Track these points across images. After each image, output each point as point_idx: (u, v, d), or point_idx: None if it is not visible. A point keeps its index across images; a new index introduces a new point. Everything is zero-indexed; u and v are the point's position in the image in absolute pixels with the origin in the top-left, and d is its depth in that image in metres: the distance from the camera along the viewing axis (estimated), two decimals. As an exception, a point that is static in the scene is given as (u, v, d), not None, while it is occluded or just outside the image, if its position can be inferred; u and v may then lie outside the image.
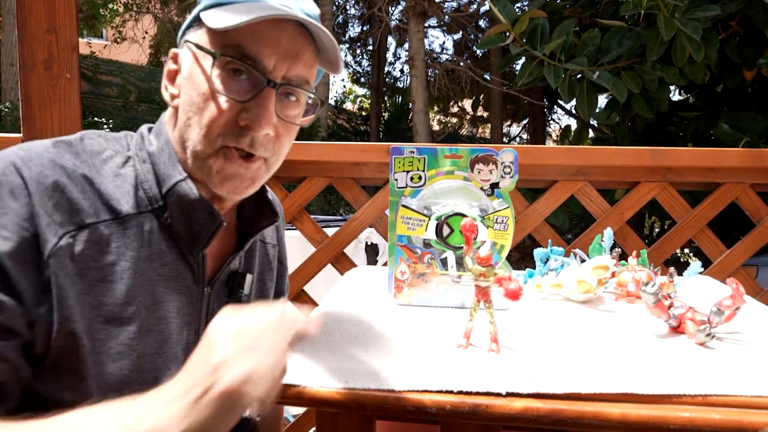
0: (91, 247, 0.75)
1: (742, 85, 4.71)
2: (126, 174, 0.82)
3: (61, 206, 0.73)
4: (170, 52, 0.87)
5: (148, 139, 0.87)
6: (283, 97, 0.83)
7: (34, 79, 1.49)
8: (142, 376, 0.78)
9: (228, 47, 0.78)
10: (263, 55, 0.78)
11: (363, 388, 0.60)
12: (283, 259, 1.13)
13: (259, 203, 0.95)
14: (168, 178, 0.82)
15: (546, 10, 4.48)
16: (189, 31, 0.84)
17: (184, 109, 0.82)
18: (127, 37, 13.84)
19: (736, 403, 0.58)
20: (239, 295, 0.92)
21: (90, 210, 0.76)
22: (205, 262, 0.86)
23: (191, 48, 0.82)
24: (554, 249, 1.07)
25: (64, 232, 0.72)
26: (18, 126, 6.94)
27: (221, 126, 0.79)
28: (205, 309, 0.88)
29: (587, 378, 0.60)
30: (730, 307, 0.73)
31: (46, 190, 0.72)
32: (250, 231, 0.94)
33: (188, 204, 0.81)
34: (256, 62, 0.78)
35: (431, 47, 19.48)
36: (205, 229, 0.83)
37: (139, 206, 0.81)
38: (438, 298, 0.92)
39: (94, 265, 0.75)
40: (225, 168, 0.81)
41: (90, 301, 0.74)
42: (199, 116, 0.80)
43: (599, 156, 1.57)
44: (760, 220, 1.58)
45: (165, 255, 0.82)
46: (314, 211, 9.89)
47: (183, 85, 0.83)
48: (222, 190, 0.83)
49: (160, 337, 0.81)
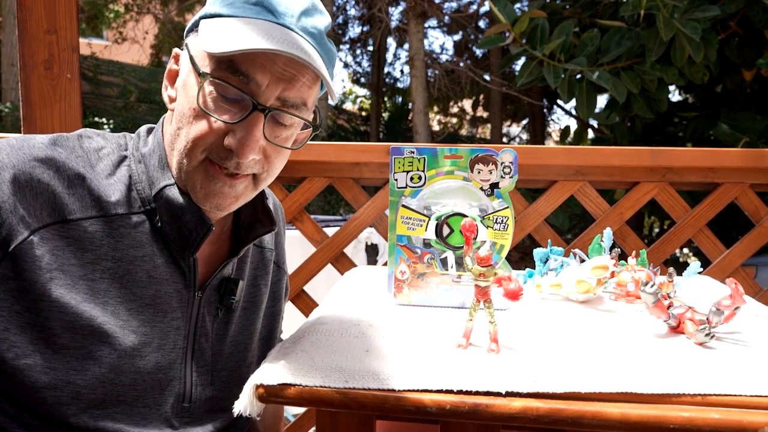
0: (73, 243, 0.74)
1: (742, 85, 4.72)
2: (121, 174, 0.82)
3: (41, 200, 0.73)
4: (173, 52, 0.86)
5: (144, 140, 0.86)
6: (273, 121, 0.80)
7: (34, 79, 1.49)
8: (119, 377, 0.77)
9: (221, 62, 0.75)
10: (256, 76, 0.74)
11: (363, 388, 0.60)
12: (282, 263, 1.11)
13: (258, 210, 0.93)
14: (157, 181, 0.81)
15: (546, 10, 4.48)
16: (191, 34, 0.83)
17: (176, 117, 0.81)
18: (128, 38, 13.84)
19: (736, 403, 0.58)
20: (230, 302, 0.91)
21: (75, 206, 0.75)
22: (196, 266, 0.85)
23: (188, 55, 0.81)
24: (554, 249, 1.07)
25: (39, 226, 0.72)
26: (18, 126, 6.93)
27: (206, 144, 0.77)
28: (195, 313, 0.87)
29: (587, 378, 0.60)
30: (730, 307, 0.74)
31: (28, 182, 0.72)
32: (246, 238, 0.92)
33: (176, 208, 0.80)
34: (248, 81, 0.75)
35: (431, 48, 19.51)
36: (194, 234, 0.82)
37: (131, 206, 0.80)
38: (438, 298, 0.92)
39: (75, 261, 0.74)
40: (208, 185, 0.79)
41: (72, 298, 0.74)
42: (186, 129, 0.78)
43: (599, 156, 1.57)
44: (759, 220, 1.59)
45: (156, 257, 0.82)
46: (314, 211, 9.89)
47: (179, 91, 0.82)
48: (205, 205, 0.81)
49: (143, 339, 0.80)
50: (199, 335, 0.87)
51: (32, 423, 0.74)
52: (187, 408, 0.86)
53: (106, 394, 0.76)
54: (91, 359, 0.75)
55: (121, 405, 0.78)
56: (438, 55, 13.63)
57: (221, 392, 0.90)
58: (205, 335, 0.88)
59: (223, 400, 0.91)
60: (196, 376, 0.86)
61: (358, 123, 16.43)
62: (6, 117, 9.10)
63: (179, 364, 0.84)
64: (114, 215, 0.78)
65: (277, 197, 1.62)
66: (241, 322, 0.95)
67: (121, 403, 0.78)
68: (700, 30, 3.48)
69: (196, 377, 0.86)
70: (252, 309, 0.99)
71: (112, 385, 0.77)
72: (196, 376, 0.86)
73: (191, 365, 0.86)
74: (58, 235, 0.74)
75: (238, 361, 0.94)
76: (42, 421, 0.75)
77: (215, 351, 0.90)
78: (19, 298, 0.72)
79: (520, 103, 12.88)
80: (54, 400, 0.74)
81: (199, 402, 0.87)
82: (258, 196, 0.91)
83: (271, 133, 0.80)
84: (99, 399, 0.76)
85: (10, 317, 0.72)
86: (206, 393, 0.88)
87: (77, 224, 0.75)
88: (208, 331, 0.88)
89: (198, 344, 0.87)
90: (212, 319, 0.89)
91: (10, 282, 0.71)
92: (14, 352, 0.72)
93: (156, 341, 0.81)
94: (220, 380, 0.91)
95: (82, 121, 1.54)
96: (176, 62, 0.86)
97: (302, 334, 0.76)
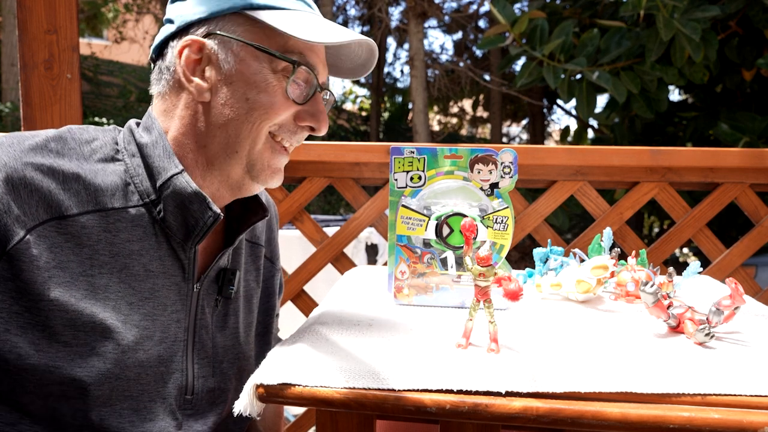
0: (71, 239, 0.74)
1: (742, 85, 4.72)
2: (115, 168, 0.81)
3: (36, 198, 0.73)
4: (187, 40, 0.82)
5: (138, 133, 0.85)
6: None
7: (34, 79, 1.49)
8: (124, 372, 0.77)
9: (291, 53, 0.82)
10: (318, 64, 0.86)
11: (363, 388, 0.60)
12: (275, 259, 1.12)
13: (248, 199, 0.94)
14: (163, 171, 0.81)
15: (545, 10, 4.49)
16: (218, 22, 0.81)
17: (228, 105, 0.81)
18: (128, 38, 13.84)
19: (736, 403, 0.58)
20: (230, 292, 0.91)
21: (71, 202, 0.75)
22: (196, 258, 0.86)
23: (241, 45, 0.80)
24: (554, 249, 1.07)
25: (35, 224, 0.72)
26: (18, 126, 6.91)
27: (280, 122, 0.84)
28: (194, 306, 0.87)
29: (587, 377, 0.60)
30: (729, 306, 0.74)
31: (21, 181, 0.72)
32: (238, 228, 0.94)
33: (184, 197, 0.81)
34: (315, 71, 0.85)
35: (431, 48, 19.50)
36: (201, 223, 0.82)
37: (128, 200, 0.80)
38: (438, 298, 0.92)
39: (74, 257, 0.74)
40: (275, 161, 0.87)
41: (72, 295, 0.74)
42: (252, 114, 0.82)
43: (599, 156, 1.57)
44: (759, 220, 1.59)
45: (154, 250, 0.82)
46: (314, 211, 9.89)
47: (225, 80, 0.81)
48: (268, 182, 0.88)
49: (145, 333, 0.80)
50: (199, 327, 0.87)
51: (32, 430, 0.74)
52: (190, 400, 0.86)
53: (112, 390, 0.76)
54: (96, 355, 0.75)
55: (128, 400, 0.78)
56: (438, 55, 13.63)
57: (222, 384, 0.91)
58: (205, 327, 0.88)
59: (225, 393, 0.91)
60: (198, 368, 0.87)
61: (358, 123, 16.42)
62: (6, 117, 9.10)
63: (181, 357, 0.85)
64: (111, 209, 0.78)
65: (278, 197, 1.63)
66: (240, 315, 0.96)
67: (127, 398, 0.78)
68: (700, 30, 3.48)
69: (197, 369, 0.87)
70: (248, 300, 1.00)
71: (118, 380, 0.77)
72: (197, 368, 0.87)
73: (192, 357, 0.86)
74: (56, 232, 0.74)
75: (237, 353, 0.94)
76: (42, 427, 0.75)
77: (215, 342, 0.90)
78: (18, 299, 0.72)
79: (520, 103, 12.88)
80: (60, 393, 0.74)
81: (201, 394, 0.87)
82: None
83: None
84: (106, 395, 0.76)
85: (10, 318, 0.72)
86: (208, 384, 0.88)
87: (74, 220, 0.75)
88: (208, 323, 0.89)
89: (198, 336, 0.87)
90: (211, 311, 0.90)
91: (9, 283, 0.71)
92: (16, 353, 0.72)
93: (158, 335, 0.82)
94: (221, 371, 0.91)
95: (82, 121, 1.54)
96: (196, 51, 0.82)
97: (302, 334, 0.76)
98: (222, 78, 0.82)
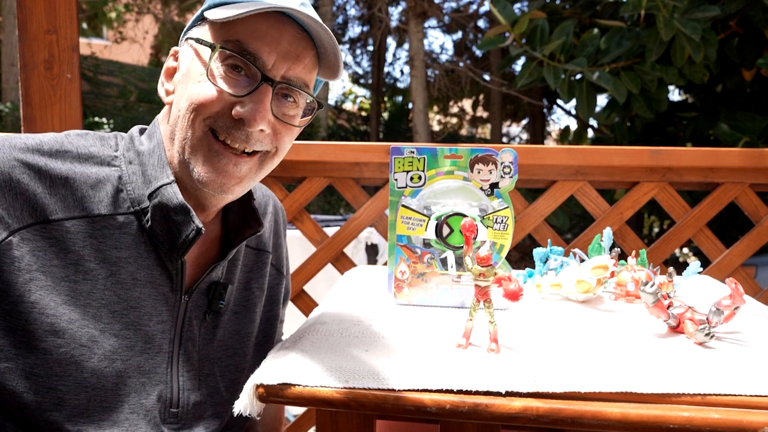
0: (55, 244, 0.74)
1: (742, 85, 4.72)
2: (108, 174, 0.81)
3: (22, 201, 0.72)
4: (171, 50, 0.87)
5: (139, 140, 0.85)
6: (280, 97, 0.82)
7: (34, 79, 1.49)
8: (101, 382, 0.76)
9: (228, 42, 0.78)
10: (263, 52, 0.78)
11: (363, 388, 0.60)
12: (281, 267, 1.09)
13: (246, 212, 0.92)
14: (154, 180, 0.80)
15: (545, 10, 4.49)
16: (192, 29, 0.84)
17: (177, 103, 0.81)
18: (128, 38, 13.84)
19: (736, 403, 0.58)
20: (219, 306, 0.89)
21: (57, 206, 0.75)
22: (184, 269, 0.84)
23: (192, 44, 0.82)
24: (554, 249, 1.07)
25: (19, 226, 0.72)
26: (18, 126, 6.89)
27: (212, 113, 0.78)
28: (181, 317, 0.85)
29: (587, 377, 0.60)
30: (729, 306, 0.74)
31: (7, 183, 0.72)
32: (234, 240, 0.91)
33: (170, 209, 0.79)
34: (255, 58, 0.78)
35: (431, 48, 19.51)
36: (183, 236, 0.80)
37: (117, 207, 0.79)
38: (438, 298, 0.92)
39: (57, 262, 0.74)
40: (212, 160, 0.79)
41: (52, 299, 0.73)
42: (190, 105, 0.78)
43: (599, 156, 1.57)
44: (759, 220, 1.59)
45: (142, 259, 0.80)
46: (314, 211, 9.89)
47: (180, 80, 0.82)
48: (208, 185, 0.80)
49: (125, 342, 0.78)
50: (185, 339, 0.85)
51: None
52: (176, 413, 0.84)
53: (89, 400, 0.75)
54: (73, 364, 0.74)
55: (106, 411, 0.77)
56: (438, 55, 13.64)
57: (211, 398, 0.89)
58: (192, 340, 0.86)
59: (214, 407, 0.89)
60: (183, 381, 0.85)
61: (358, 123, 16.42)
62: (6, 117, 9.10)
63: (165, 368, 0.83)
64: (97, 215, 0.77)
65: (277, 197, 1.63)
66: (231, 327, 0.94)
67: (105, 409, 0.77)
68: (700, 30, 3.48)
69: (183, 381, 0.85)
70: (244, 313, 0.96)
71: (95, 390, 0.75)
72: (183, 381, 0.85)
73: (177, 370, 0.84)
74: (40, 236, 0.73)
75: (228, 366, 0.92)
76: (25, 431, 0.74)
77: (202, 356, 0.88)
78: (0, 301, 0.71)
79: (520, 103, 12.88)
80: (36, 406, 0.73)
81: (187, 407, 0.85)
82: (246, 197, 0.91)
83: (279, 110, 0.82)
84: (82, 405, 0.75)
85: None
86: (194, 398, 0.86)
87: (59, 224, 0.74)
88: (194, 335, 0.87)
89: (184, 348, 0.85)
90: (199, 324, 0.88)
91: None
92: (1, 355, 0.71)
93: (140, 345, 0.80)
94: (209, 385, 0.89)
95: (82, 121, 1.55)
96: (174, 59, 0.86)
97: (302, 334, 0.76)
98: (180, 79, 0.83)
